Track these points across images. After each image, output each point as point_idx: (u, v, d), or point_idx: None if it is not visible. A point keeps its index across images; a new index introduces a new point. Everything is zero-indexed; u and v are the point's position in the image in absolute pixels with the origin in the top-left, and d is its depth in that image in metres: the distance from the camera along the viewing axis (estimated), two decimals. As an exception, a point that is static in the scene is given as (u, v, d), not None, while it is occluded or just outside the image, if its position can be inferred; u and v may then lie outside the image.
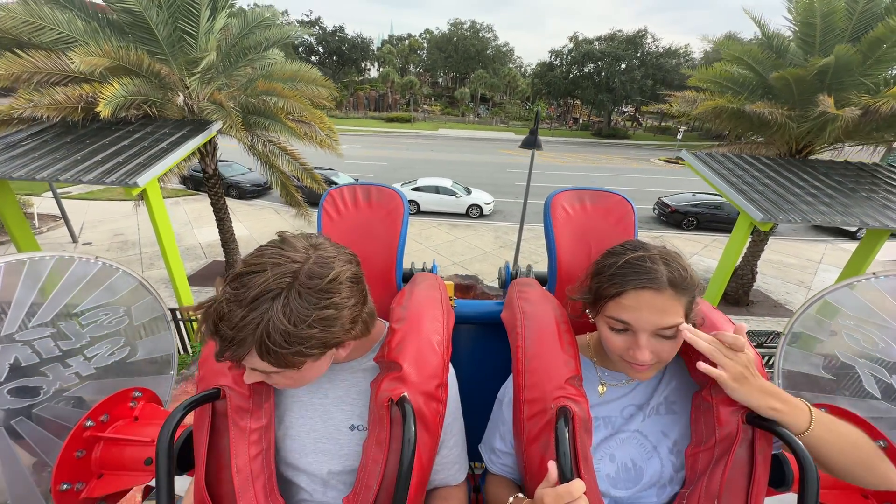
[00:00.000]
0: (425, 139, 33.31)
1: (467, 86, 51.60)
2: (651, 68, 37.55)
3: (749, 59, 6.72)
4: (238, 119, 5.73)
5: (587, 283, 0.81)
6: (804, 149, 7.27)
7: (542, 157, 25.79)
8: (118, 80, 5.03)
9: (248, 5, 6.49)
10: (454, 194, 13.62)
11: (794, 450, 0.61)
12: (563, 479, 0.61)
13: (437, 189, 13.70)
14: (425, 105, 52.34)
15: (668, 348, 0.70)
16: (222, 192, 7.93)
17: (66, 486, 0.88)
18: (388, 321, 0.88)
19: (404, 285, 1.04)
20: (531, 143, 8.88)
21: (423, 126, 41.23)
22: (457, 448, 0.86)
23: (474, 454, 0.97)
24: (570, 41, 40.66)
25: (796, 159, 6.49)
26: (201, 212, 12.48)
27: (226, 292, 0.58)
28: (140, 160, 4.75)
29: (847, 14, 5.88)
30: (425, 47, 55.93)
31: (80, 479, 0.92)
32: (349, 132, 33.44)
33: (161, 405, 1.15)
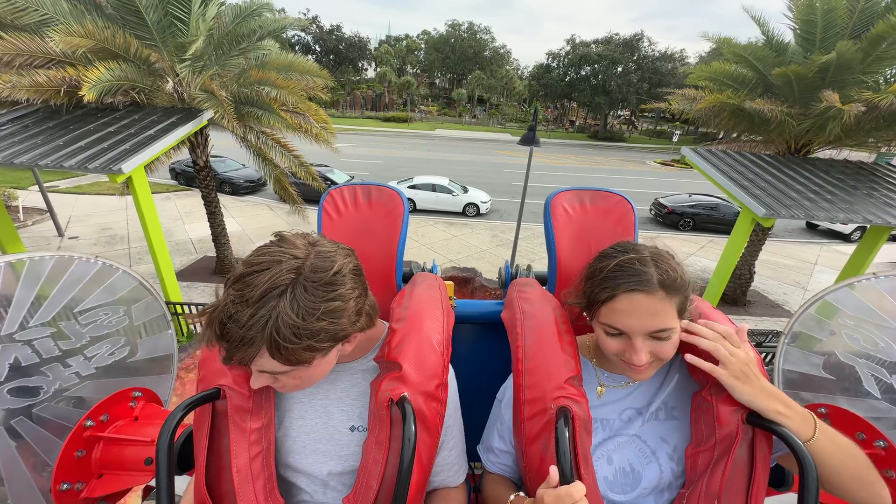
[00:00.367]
0: (422, 139, 33.24)
1: (464, 87, 51.65)
2: (647, 72, 37.76)
3: (750, 56, 6.68)
4: (230, 108, 5.57)
5: (581, 287, 0.80)
6: (802, 148, 7.25)
7: (540, 159, 25.82)
8: (104, 64, 4.84)
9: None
10: (451, 192, 13.51)
11: (795, 450, 0.60)
12: (564, 479, 0.61)
13: (433, 187, 13.58)
14: (422, 106, 52.28)
15: (667, 348, 0.70)
16: (213, 185, 7.74)
17: (66, 485, 0.88)
18: (388, 321, 0.87)
19: (404, 285, 1.04)
20: (529, 139, 8.79)
21: (420, 126, 41.15)
22: (456, 449, 0.85)
23: (474, 454, 0.96)
24: (568, 44, 40.81)
25: (796, 157, 6.45)
26: (193, 207, 12.25)
27: (230, 294, 0.57)
28: (126, 147, 4.57)
29: (848, 12, 5.86)
30: (423, 48, 55.91)
31: (80, 479, 0.91)
32: (345, 131, 33.30)
33: (161, 405, 1.15)
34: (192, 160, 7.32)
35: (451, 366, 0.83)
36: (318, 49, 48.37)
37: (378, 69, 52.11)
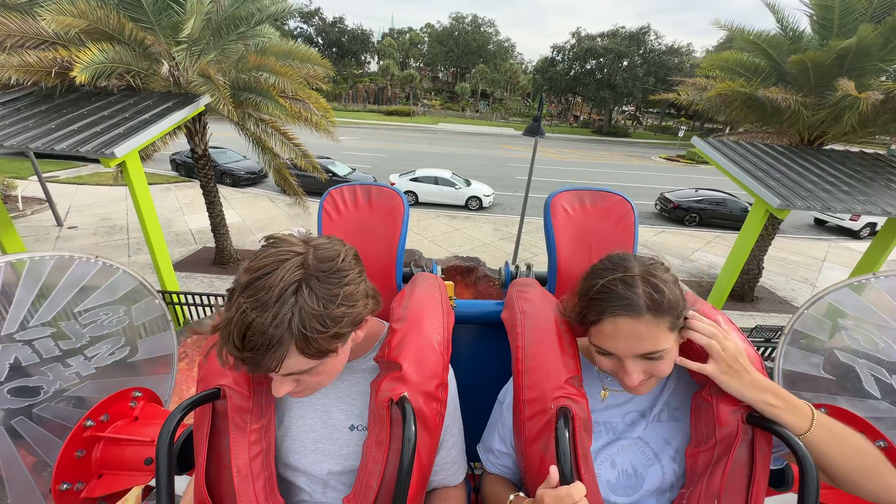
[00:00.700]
0: (424, 133, 32.97)
1: (468, 81, 51.15)
2: (654, 66, 37.21)
3: (764, 44, 6.45)
4: (226, 92, 5.42)
5: (574, 302, 0.78)
6: (816, 140, 7.04)
7: (544, 154, 25.55)
8: (97, 46, 4.70)
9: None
10: (453, 186, 13.34)
11: (795, 450, 0.60)
12: (564, 479, 0.61)
13: (435, 180, 13.41)
14: (425, 99, 51.87)
15: (660, 367, 0.68)
16: (212, 175, 7.61)
17: (66, 485, 0.88)
18: (388, 321, 0.87)
19: (404, 285, 1.04)
20: (534, 130, 8.61)
21: (423, 120, 40.83)
22: (455, 448, 0.85)
23: (474, 454, 0.97)
24: (573, 37, 40.23)
25: (810, 148, 6.25)
26: (193, 198, 12.15)
27: (241, 304, 0.55)
28: (119, 131, 4.44)
29: (868, -3, 5.63)
30: (426, 41, 55.30)
31: (80, 479, 0.91)
32: (348, 124, 33.06)
33: (161, 405, 1.15)
34: (190, 149, 7.19)
35: (450, 366, 0.83)
36: (321, 42, 47.90)
37: (381, 62, 51.69)
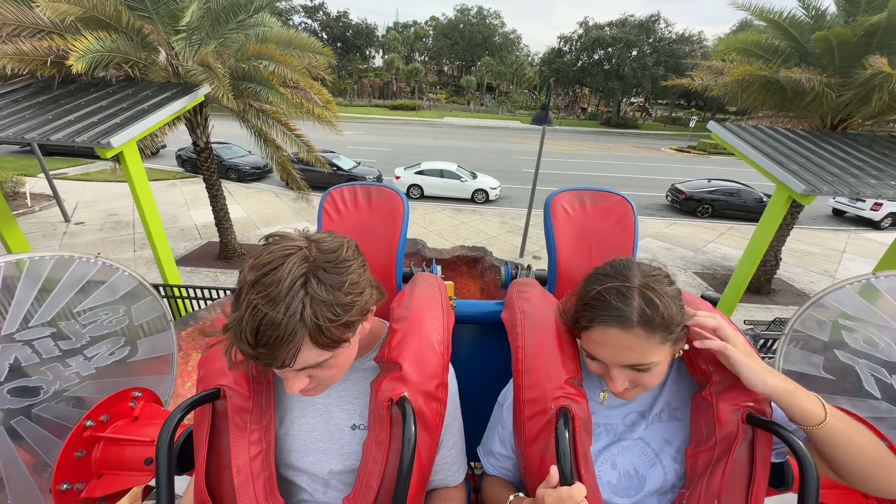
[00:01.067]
0: (430, 127, 32.69)
1: (473, 74, 50.58)
2: (663, 55, 36.28)
3: (786, 23, 6.13)
4: (226, 81, 5.29)
5: (572, 303, 0.78)
6: (839, 124, 6.70)
7: (551, 146, 25.16)
8: (94, 34, 4.59)
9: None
10: (459, 178, 13.13)
11: (795, 450, 0.59)
12: (564, 479, 0.60)
13: (441, 173, 13.20)
14: (430, 93, 51.48)
15: (646, 378, 0.68)
16: (215, 168, 7.53)
17: (66, 485, 0.88)
18: (388, 321, 0.87)
19: (404, 285, 1.04)
20: (542, 118, 8.38)
21: (429, 114, 40.51)
22: (455, 448, 0.85)
23: (474, 454, 0.96)
24: (581, 27, 39.41)
25: (834, 132, 5.94)
26: (198, 194, 12.14)
27: (252, 301, 0.54)
28: (116, 121, 4.33)
29: (899, -32, 5.29)
30: (431, 35, 54.75)
31: (80, 479, 0.91)
32: (353, 119, 32.90)
33: (161, 405, 1.14)
34: (192, 142, 7.10)
35: (451, 365, 0.83)
36: (325, 36, 47.70)
37: (385, 57, 51.39)
